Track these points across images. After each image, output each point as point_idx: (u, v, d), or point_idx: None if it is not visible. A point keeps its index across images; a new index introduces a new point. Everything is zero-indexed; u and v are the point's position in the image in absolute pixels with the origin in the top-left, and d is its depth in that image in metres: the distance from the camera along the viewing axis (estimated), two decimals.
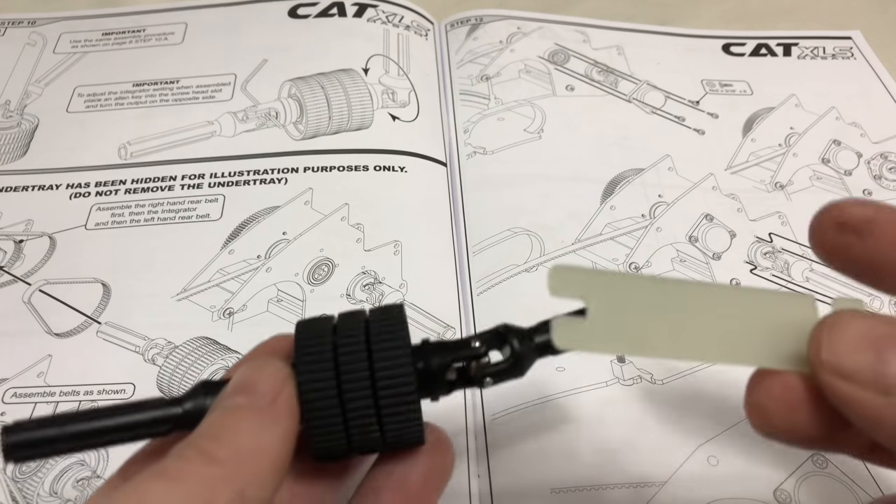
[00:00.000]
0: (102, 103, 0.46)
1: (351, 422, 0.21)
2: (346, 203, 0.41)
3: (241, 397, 0.20)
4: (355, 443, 0.22)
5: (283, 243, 0.39)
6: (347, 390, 0.21)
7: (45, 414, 0.21)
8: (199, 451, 0.19)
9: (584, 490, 0.31)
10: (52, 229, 0.40)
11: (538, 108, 0.47)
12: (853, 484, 0.31)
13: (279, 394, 0.20)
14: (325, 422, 0.21)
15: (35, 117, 0.45)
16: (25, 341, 0.35)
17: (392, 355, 0.22)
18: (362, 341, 0.22)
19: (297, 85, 0.46)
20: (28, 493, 0.31)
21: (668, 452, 0.32)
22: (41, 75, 0.48)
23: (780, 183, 0.43)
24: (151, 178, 0.42)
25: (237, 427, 0.19)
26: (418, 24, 0.52)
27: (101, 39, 0.50)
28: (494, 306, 0.37)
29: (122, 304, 0.37)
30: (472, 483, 0.31)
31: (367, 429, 0.22)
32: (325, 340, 0.22)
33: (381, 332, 0.22)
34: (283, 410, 0.20)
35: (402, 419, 0.22)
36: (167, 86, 0.47)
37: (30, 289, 0.37)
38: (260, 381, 0.20)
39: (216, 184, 0.42)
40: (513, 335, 0.23)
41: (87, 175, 0.42)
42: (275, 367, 0.21)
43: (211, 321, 0.36)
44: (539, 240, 0.40)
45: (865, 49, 0.52)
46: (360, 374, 0.21)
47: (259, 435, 0.19)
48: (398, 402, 0.21)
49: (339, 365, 0.21)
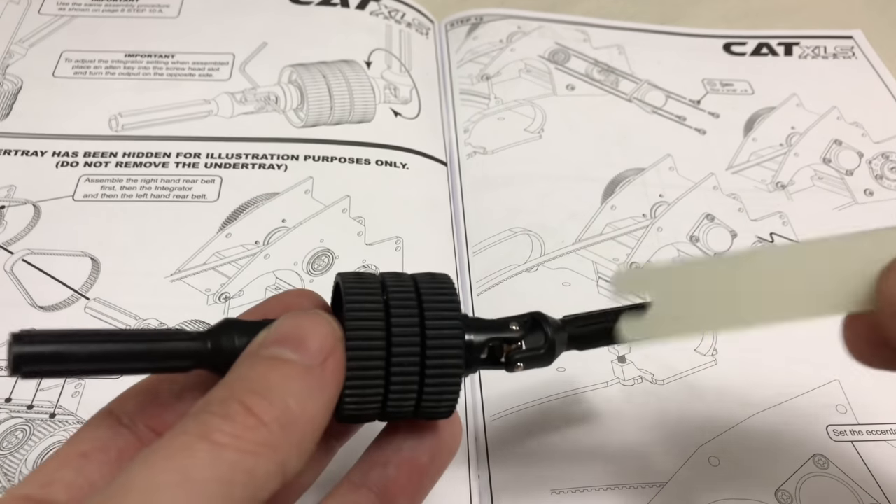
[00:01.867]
0: (92, 71, 0.45)
1: (392, 388, 0.20)
2: (347, 195, 0.40)
3: (289, 350, 0.18)
4: (390, 409, 0.21)
5: (282, 231, 0.39)
6: (396, 354, 0.20)
7: (60, 328, 0.19)
8: (244, 408, 0.17)
9: (585, 490, 0.30)
10: (36, 197, 0.39)
11: (538, 107, 0.47)
12: (854, 484, 0.31)
13: (330, 355, 0.19)
14: (367, 385, 0.20)
15: (18, 79, 0.44)
16: (6, 312, 0.34)
17: (446, 325, 0.21)
18: (415, 305, 0.21)
19: (298, 71, 0.46)
20: (10, 470, 0.30)
21: (668, 453, 0.32)
22: (25, 35, 0.47)
23: (781, 183, 0.43)
24: (145, 153, 0.41)
25: (286, 386, 0.18)
26: (419, 22, 0.52)
27: (90, 4, 0.50)
28: (495, 306, 0.37)
29: (112, 280, 0.36)
30: (472, 483, 0.31)
31: (405, 397, 0.21)
32: (377, 299, 0.21)
33: (434, 298, 0.21)
34: (332, 376, 0.19)
35: (444, 391, 0.21)
36: (162, 59, 0.46)
37: (12, 258, 0.36)
38: (312, 337, 0.19)
39: (213, 164, 0.41)
40: (547, 323, 0.23)
41: (75, 144, 0.41)
42: (328, 324, 0.19)
43: (206, 304, 0.35)
44: (539, 240, 0.39)
45: (867, 49, 0.52)
46: (412, 338, 0.20)
47: (307, 400, 0.18)
48: (445, 373, 0.21)
49: (391, 328, 0.20)
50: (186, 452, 0.16)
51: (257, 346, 0.19)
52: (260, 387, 0.17)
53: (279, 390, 0.17)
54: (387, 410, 0.21)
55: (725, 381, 0.34)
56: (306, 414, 0.18)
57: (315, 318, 0.19)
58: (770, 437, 0.32)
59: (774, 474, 0.31)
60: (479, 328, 0.22)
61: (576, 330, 0.23)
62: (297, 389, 0.18)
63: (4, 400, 0.32)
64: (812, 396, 0.34)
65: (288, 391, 0.18)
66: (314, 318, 0.19)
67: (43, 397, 0.32)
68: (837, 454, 0.32)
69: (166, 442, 0.16)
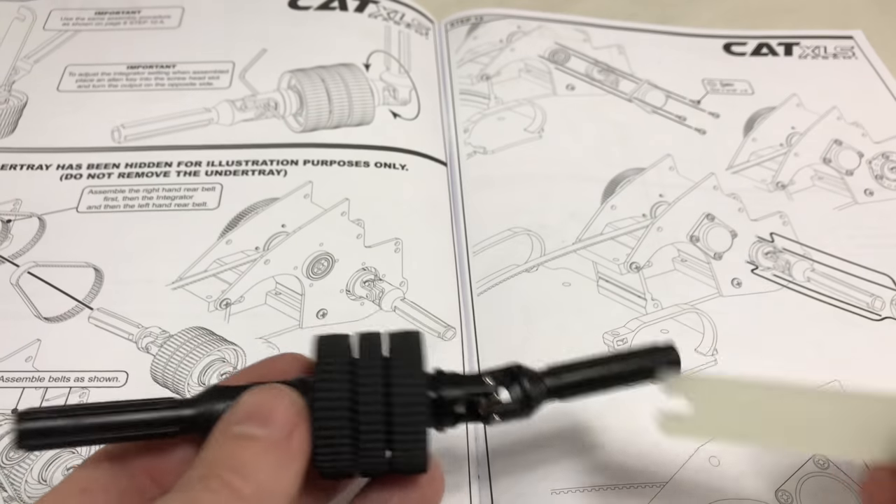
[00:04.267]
0: (95, 84, 0.46)
1: (362, 444, 0.21)
2: (346, 198, 0.40)
3: (256, 427, 0.20)
4: (362, 464, 0.22)
5: (281, 236, 0.39)
6: (363, 413, 0.21)
7: (57, 404, 0.21)
8: (224, 484, 0.19)
9: (585, 491, 0.30)
10: (41, 210, 0.39)
11: (538, 107, 0.47)
12: (854, 484, 0.31)
13: (295, 428, 0.20)
14: (335, 441, 0.21)
15: (24, 94, 0.45)
16: (12, 324, 0.35)
17: (409, 384, 0.22)
18: (380, 366, 0.22)
19: (297, 77, 0.46)
20: (15, 479, 0.30)
21: (669, 453, 0.31)
22: (30, 51, 0.47)
23: (781, 183, 0.43)
24: (146, 164, 0.42)
25: (258, 462, 0.19)
26: (419, 22, 0.52)
27: (93, 18, 0.50)
28: (494, 306, 0.37)
29: (115, 290, 0.36)
30: (472, 484, 0.31)
31: (375, 453, 0.22)
32: (344, 360, 0.22)
33: (400, 357, 0.23)
34: (298, 447, 0.20)
35: (412, 447, 0.22)
36: (163, 70, 0.47)
37: (18, 270, 0.37)
38: (276, 413, 0.20)
39: (213, 172, 0.41)
40: (524, 376, 0.24)
41: (79, 157, 0.42)
42: (290, 398, 0.21)
43: (207, 311, 0.36)
44: (539, 239, 0.39)
45: (867, 49, 0.52)
46: (376, 397, 0.22)
47: (278, 473, 0.19)
48: (410, 430, 0.22)
49: (357, 387, 0.22)
50: None
51: (226, 424, 0.20)
52: (235, 465, 0.19)
53: (252, 466, 0.19)
54: (361, 465, 0.22)
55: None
56: (280, 485, 0.19)
57: (277, 393, 0.21)
58: None
59: (775, 474, 0.31)
60: (454, 383, 0.23)
61: (556, 381, 0.24)
62: (267, 464, 0.19)
63: (11, 411, 0.32)
64: None
65: (259, 467, 0.19)
66: (277, 393, 0.21)
67: None
68: None
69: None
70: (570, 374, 0.25)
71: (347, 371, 0.22)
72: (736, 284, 0.38)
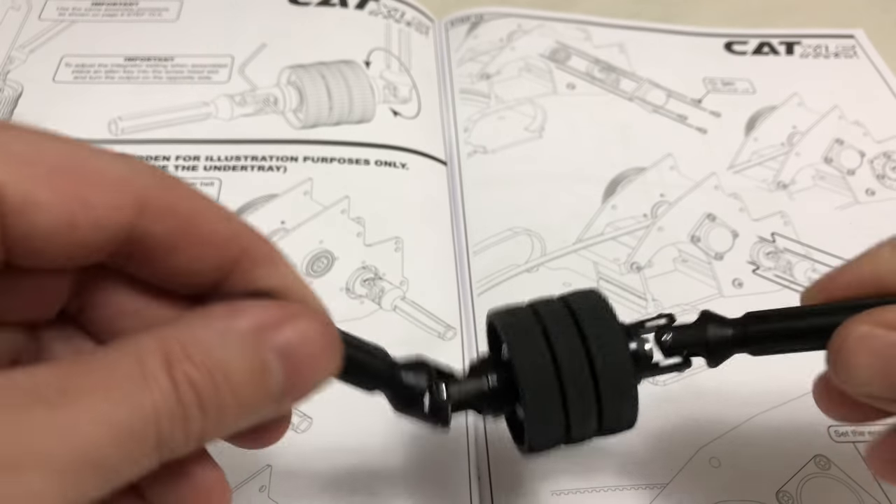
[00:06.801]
0: (92, 75, 0.45)
1: (572, 411, 0.21)
2: (346, 196, 0.40)
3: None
4: (573, 434, 0.21)
5: (281, 232, 0.38)
6: (568, 379, 0.21)
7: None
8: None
9: (585, 491, 0.30)
10: None
11: (539, 106, 0.46)
12: (856, 486, 0.31)
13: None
14: (552, 416, 0.21)
15: (19, 84, 0.44)
16: None
17: (609, 341, 0.21)
18: (573, 323, 0.21)
19: (297, 73, 0.46)
20: None
21: (669, 454, 0.31)
22: (26, 41, 0.47)
23: (782, 182, 0.43)
24: (144, 157, 0.41)
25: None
26: (419, 21, 0.51)
27: (90, 9, 0.50)
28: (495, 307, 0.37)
29: None
30: (472, 484, 0.31)
31: (587, 417, 0.21)
32: (538, 331, 0.21)
33: (591, 316, 0.22)
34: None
35: (622, 404, 0.21)
36: (161, 63, 0.46)
37: None
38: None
39: (212, 167, 0.41)
40: (713, 321, 0.24)
41: None
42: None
43: None
44: (540, 239, 0.39)
45: (868, 48, 0.52)
46: (579, 360, 0.21)
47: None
48: (619, 389, 0.21)
49: (554, 353, 0.21)
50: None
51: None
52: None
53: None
54: (571, 435, 0.22)
55: (726, 382, 0.34)
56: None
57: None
58: (771, 438, 0.32)
59: (776, 475, 0.31)
60: (642, 328, 0.23)
61: (751, 329, 0.23)
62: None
63: None
64: None
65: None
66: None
67: None
68: (839, 455, 0.32)
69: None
70: (765, 325, 0.23)
71: (544, 341, 0.21)
72: (737, 285, 0.38)
